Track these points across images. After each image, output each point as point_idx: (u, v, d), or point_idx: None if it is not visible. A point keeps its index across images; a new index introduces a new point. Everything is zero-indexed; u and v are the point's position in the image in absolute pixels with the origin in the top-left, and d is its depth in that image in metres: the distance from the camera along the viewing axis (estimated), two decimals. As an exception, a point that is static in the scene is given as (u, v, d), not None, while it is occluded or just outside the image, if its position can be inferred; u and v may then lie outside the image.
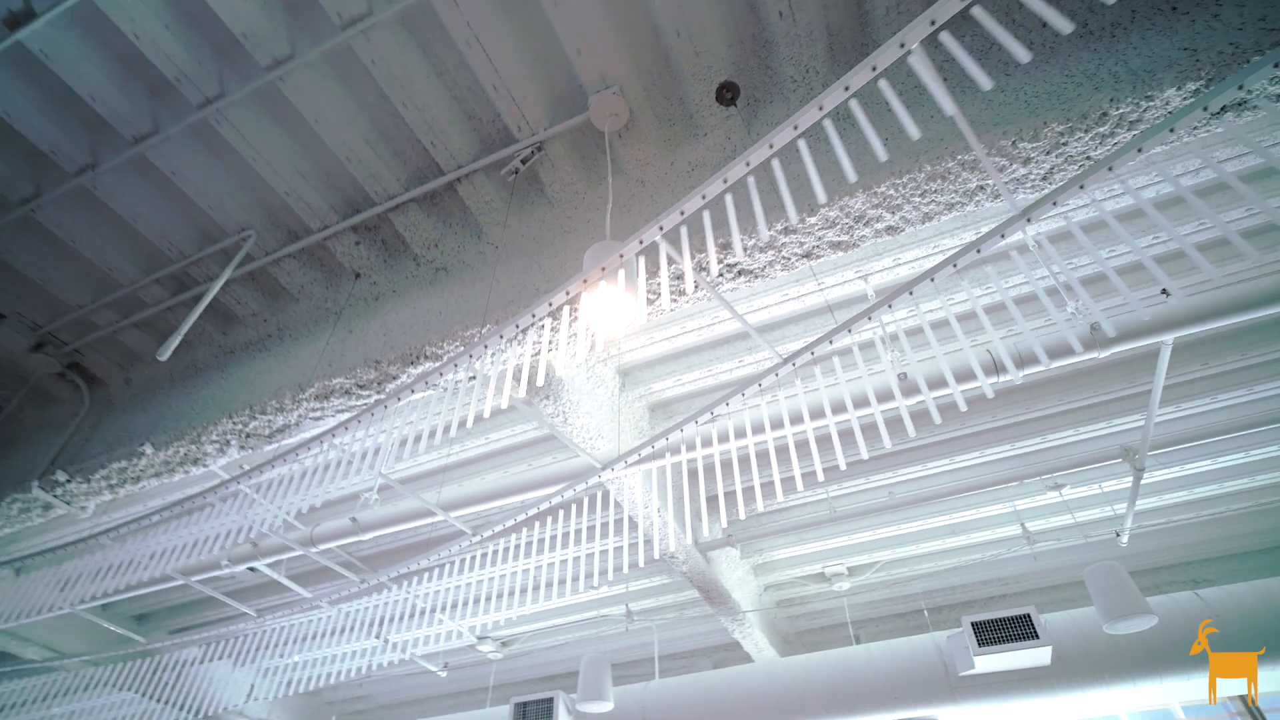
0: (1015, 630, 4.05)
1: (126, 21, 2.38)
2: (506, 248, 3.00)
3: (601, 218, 2.83)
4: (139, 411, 3.56)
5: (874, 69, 1.59)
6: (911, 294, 1.98)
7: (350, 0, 2.37)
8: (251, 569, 4.62)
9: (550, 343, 1.97)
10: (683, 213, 1.79)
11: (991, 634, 4.08)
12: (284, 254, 3.12)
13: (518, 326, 2.06)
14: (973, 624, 4.14)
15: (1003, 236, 1.69)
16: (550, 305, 1.87)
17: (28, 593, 4.45)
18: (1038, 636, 3.98)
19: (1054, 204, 1.64)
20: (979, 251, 1.72)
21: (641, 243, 1.73)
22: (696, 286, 2.23)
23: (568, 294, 1.81)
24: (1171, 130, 1.74)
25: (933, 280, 1.94)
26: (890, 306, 2.03)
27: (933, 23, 1.51)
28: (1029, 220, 1.66)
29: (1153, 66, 2.13)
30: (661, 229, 1.76)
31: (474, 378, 2.33)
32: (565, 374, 3.18)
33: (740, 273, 2.45)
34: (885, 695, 4.39)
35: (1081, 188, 1.63)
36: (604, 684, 4.65)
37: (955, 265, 1.77)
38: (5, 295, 3.33)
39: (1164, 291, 3.13)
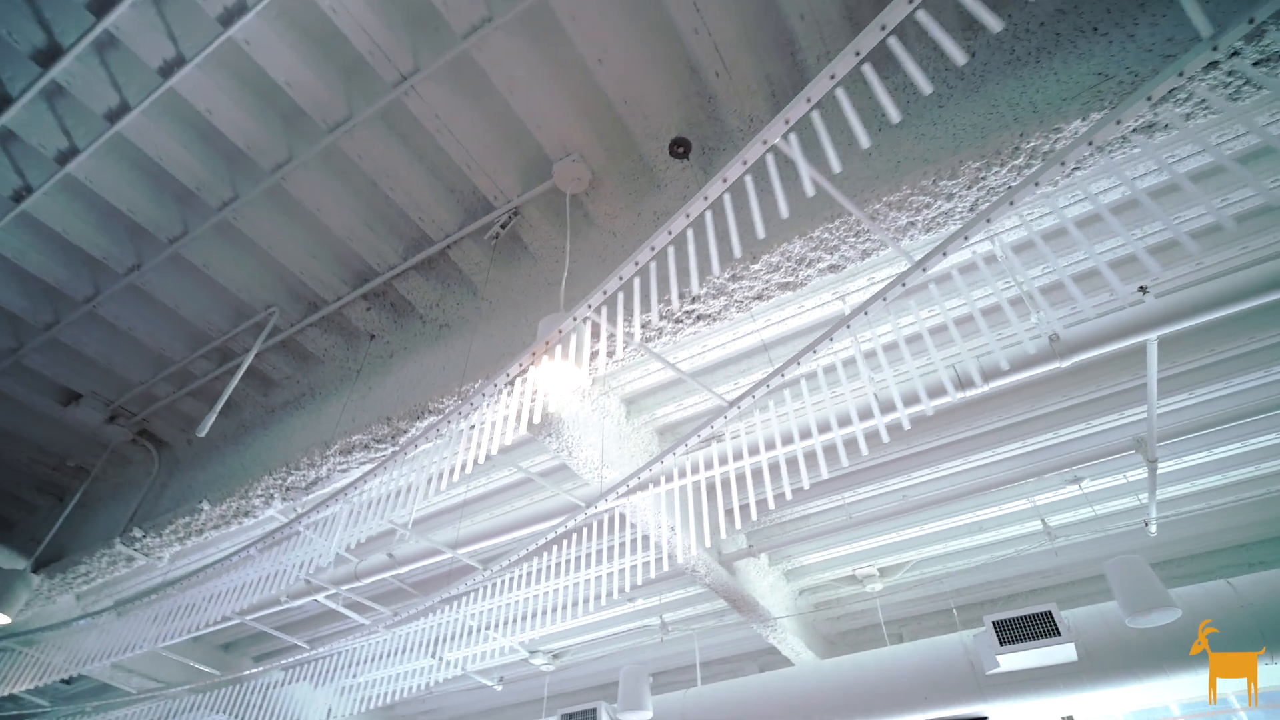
0: (1037, 628, 4.07)
1: (151, 147, 2.77)
2: (498, 302, 3.27)
3: (582, 269, 3.06)
4: (199, 469, 4.00)
5: (808, 100, 1.73)
6: (849, 326, 2.13)
7: (333, 107, 2.69)
8: (320, 598, 5.07)
9: (517, 404, 2.21)
10: (621, 277, 2.01)
11: (1013, 632, 4.10)
12: (306, 324, 3.49)
13: (495, 385, 2.32)
14: (995, 623, 4.17)
15: (903, 285, 1.83)
16: (508, 376, 2.11)
17: (128, 630, 5.01)
18: (1059, 634, 3.99)
19: (945, 254, 1.78)
20: (885, 300, 1.87)
21: (574, 319, 1.95)
22: (627, 346, 2.44)
23: (520, 365, 2.05)
24: (1088, 145, 1.84)
25: (866, 313, 2.09)
26: (831, 339, 2.19)
27: (857, 53, 1.65)
28: (924, 269, 1.80)
29: (1067, 94, 2.21)
30: (605, 294, 1.98)
31: (473, 427, 2.60)
32: (564, 412, 3.43)
33: (698, 318, 2.64)
34: (915, 696, 4.46)
35: (966, 238, 1.76)
36: (642, 693, 4.89)
37: (866, 312, 1.92)
38: (80, 378, 3.82)
39: (1142, 289, 3.14)
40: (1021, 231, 2.99)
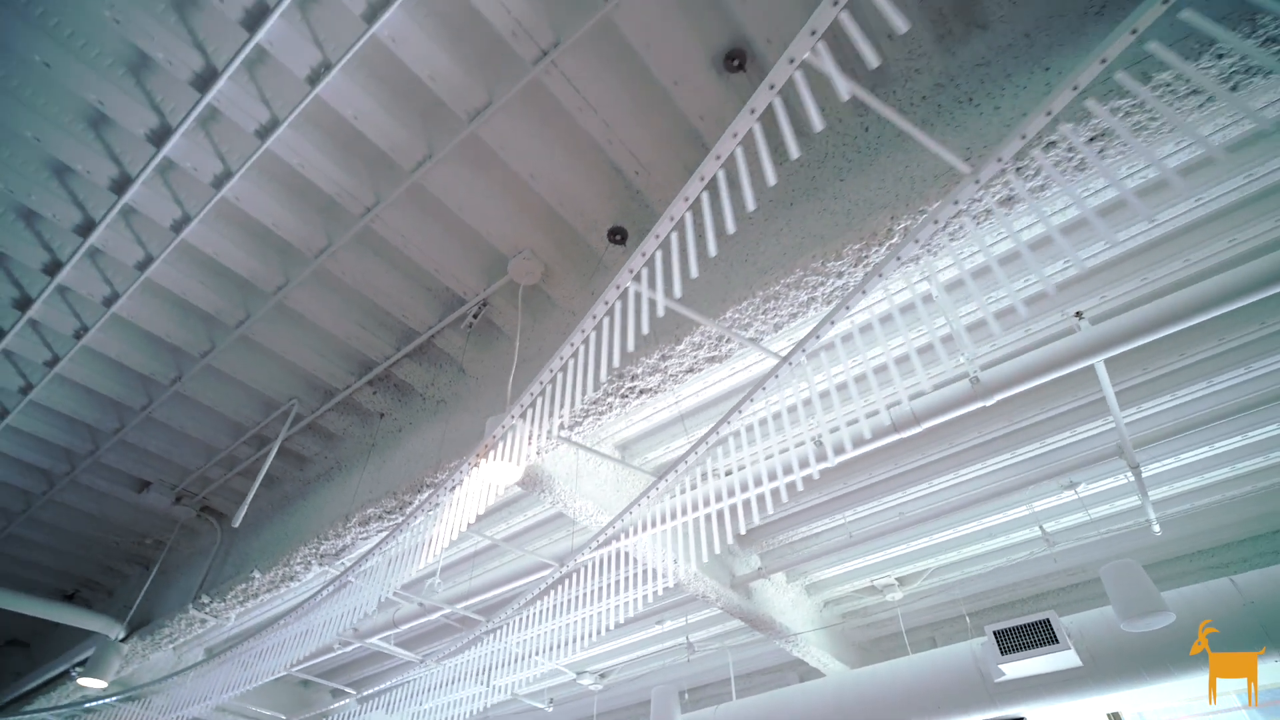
0: (1036, 636, 4.16)
1: (176, 287, 3.28)
2: (483, 378, 3.66)
3: (552, 345, 3.41)
4: (254, 538, 4.56)
5: (701, 178, 2.00)
6: (765, 388, 2.40)
7: (314, 237, 3.13)
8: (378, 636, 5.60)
9: (475, 487, 2.57)
10: (541, 381, 2.34)
11: (1014, 641, 4.21)
12: (324, 410, 3.97)
13: (458, 473, 2.70)
14: (995, 633, 4.29)
15: (776, 376, 2.09)
16: (464, 469, 2.48)
17: (221, 676, 5.67)
18: (1057, 641, 4.07)
19: (818, 336, 2.03)
20: (764, 389, 2.14)
21: (503, 428, 2.30)
22: (550, 440, 2.73)
23: (470, 463, 2.41)
24: (934, 223, 2.07)
25: (779, 374, 2.35)
26: (751, 399, 2.46)
27: (734, 135, 1.91)
28: (790, 363, 2.06)
29: (940, 169, 2.41)
30: (523, 404, 2.32)
31: (441, 506, 2.99)
32: (554, 469, 3.78)
33: (641, 391, 2.94)
34: (927, 704, 4.59)
35: (833, 322, 2.01)
36: (672, 712, 5.21)
37: (764, 387, 2.19)
38: (148, 469, 4.44)
39: (1078, 314, 3.25)
40: (953, 271, 3.17)
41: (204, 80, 2.59)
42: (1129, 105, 2.07)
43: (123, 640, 4.63)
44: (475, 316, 3.41)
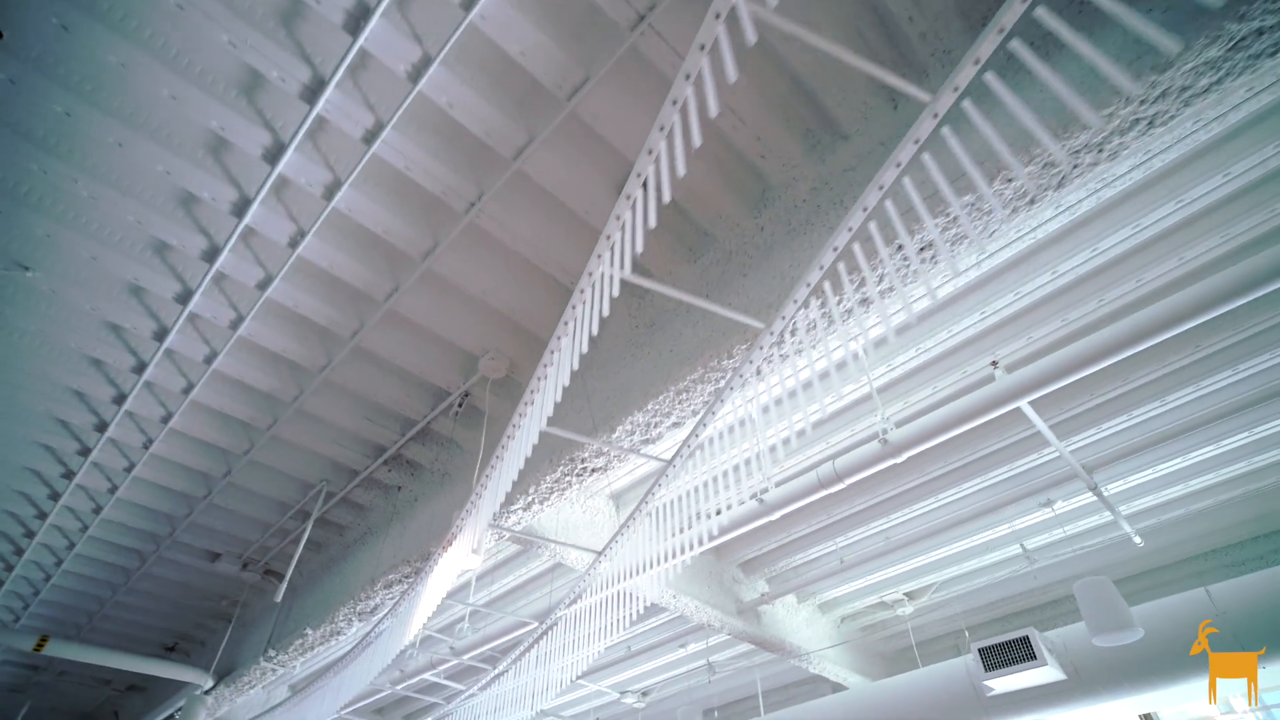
0: (1018, 653, 4.34)
1: (222, 386, 3.96)
2: (476, 454, 4.19)
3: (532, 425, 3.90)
4: (308, 596, 5.26)
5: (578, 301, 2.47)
6: (691, 450, 2.80)
7: (316, 354, 3.73)
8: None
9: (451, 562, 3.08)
10: (488, 476, 2.83)
11: (998, 658, 4.40)
12: (351, 487, 4.60)
13: (437, 553, 3.21)
14: (980, 650, 4.49)
15: (667, 474, 2.50)
16: (436, 554, 2.99)
17: (307, 708, 6.44)
18: (1035, 657, 4.25)
19: (686, 450, 2.43)
20: (673, 466, 2.55)
21: (456, 526, 2.79)
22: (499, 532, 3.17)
23: (439, 550, 2.92)
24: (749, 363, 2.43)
25: (668, 474, 2.76)
26: (675, 465, 2.88)
27: (619, 273, 2.39)
28: (672, 466, 2.47)
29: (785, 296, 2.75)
30: (473, 500, 2.81)
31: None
32: (546, 526, 4.27)
33: (592, 470, 3.39)
34: (928, 718, 4.83)
35: (705, 425, 2.40)
36: (696, 731, 5.62)
37: (668, 472, 2.60)
38: (216, 543, 5.20)
39: (993, 363, 3.49)
40: (880, 329, 3.47)
41: (312, 91, 2.63)
42: (1005, 178, 2.38)
43: (210, 689, 5.42)
44: (460, 405, 3.94)
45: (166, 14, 2.49)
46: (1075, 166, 2.19)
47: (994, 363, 3.43)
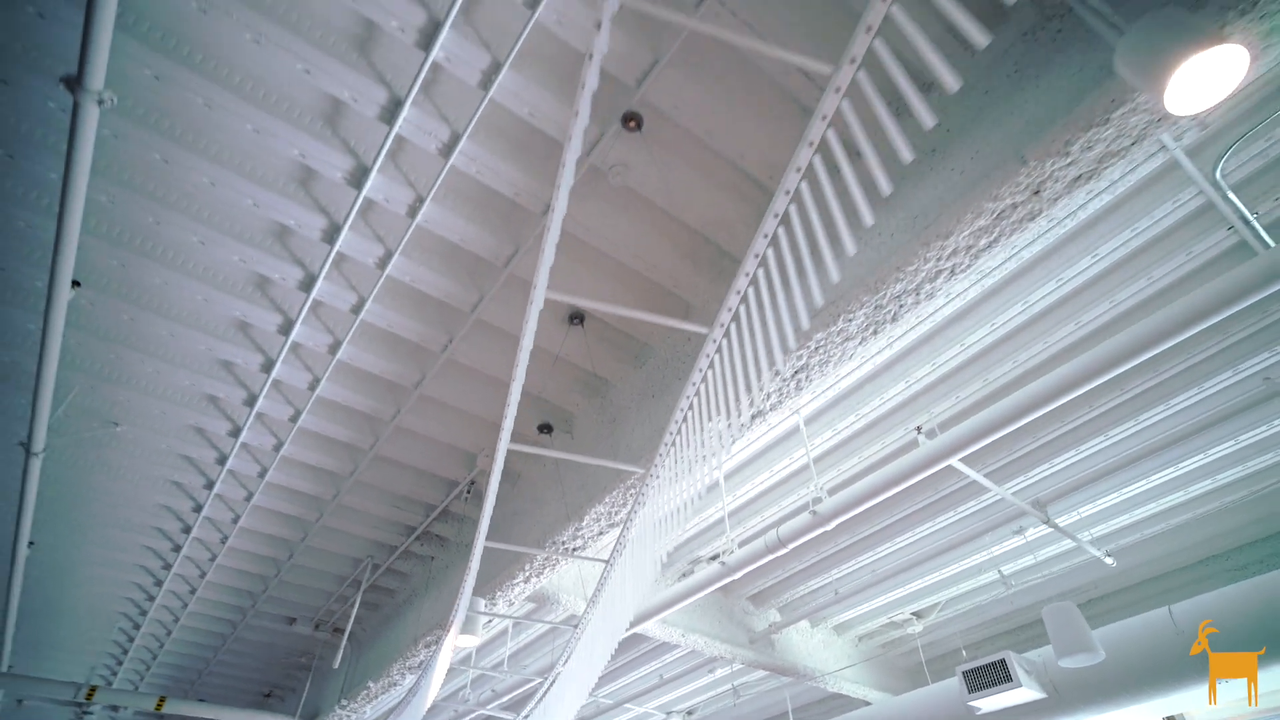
0: (996, 675, 4.67)
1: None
2: (490, 530, 4.86)
3: (529, 508, 4.54)
4: (370, 650, 6.07)
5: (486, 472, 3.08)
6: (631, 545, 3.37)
7: (344, 463, 4.48)
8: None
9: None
10: (465, 579, 3.46)
11: (979, 680, 4.74)
12: (392, 560, 5.36)
13: (441, 636, 3.88)
14: (964, 673, 4.83)
15: (607, 574, 3.07)
16: (436, 638, 3.65)
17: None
18: (1011, 679, 4.57)
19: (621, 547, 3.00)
20: (611, 564, 3.12)
21: (452, 621, 3.44)
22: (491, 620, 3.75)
23: (444, 630, 3.58)
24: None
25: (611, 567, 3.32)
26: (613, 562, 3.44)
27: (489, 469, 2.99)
28: (612, 564, 3.03)
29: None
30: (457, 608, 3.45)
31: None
32: (559, 584, 4.90)
33: (575, 550, 3.98)
34: (926, 738, 5.18)
35: (630, 523, 2.96)
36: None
37: (610, 568, 3.18)
38: (292, 610, 6.09)
39: (918, 429, 3.88)
40: (816, 404, 3.94)
41: (390, 112, 2.69)
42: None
43: (297, 736, 6.33)
44: (468, 492, 4.62)
45: (243, 49, 2.56)
46: (901, 306, 2.64)
47: (919, 428, 3.82)
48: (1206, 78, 1.47)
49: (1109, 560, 4.72)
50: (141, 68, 2.58)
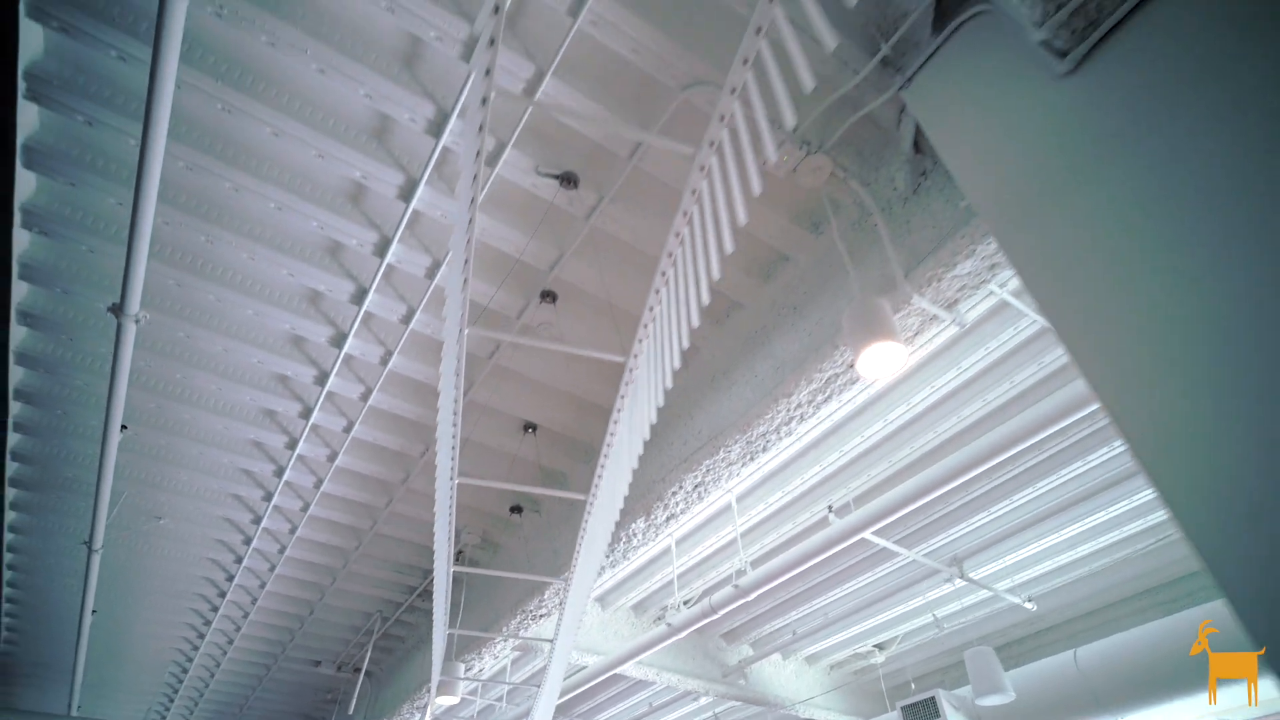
0: (928, 710, 5.24)
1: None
2: (480, 589, 5.57)
3: (525, 559, 5.24)
4: (386, 689, 6.84)
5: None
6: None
7: (349, 541, 5.23)
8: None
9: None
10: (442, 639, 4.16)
11: (915, 715, 5.31)
12: (397, 615, 6.12)
13: (424, 698, 4.59)
14: (902, 707, 5.41)
15: (549, 663, 3.75)
16: (430, 690, 4.36)
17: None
18: (939, 715, 5.13)
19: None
20: (554, 641, 3.80)
21: (434, 682, 4.14)
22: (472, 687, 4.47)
23: (427, 693, 4.29)
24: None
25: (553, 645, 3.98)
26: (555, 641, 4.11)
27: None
28: (552, 643, 3.71)
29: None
30: (431, 686, 4.15)
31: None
32: (544, 632, 5.58)
33: (540, 615, 4.67)
34: (879, 765, 5.75)
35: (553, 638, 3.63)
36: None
37: (552, 647, 3.85)
38: (314, 655, 6.90)
39: (829, 508, 4.48)
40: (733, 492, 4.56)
41: (437, 126, 2.73)
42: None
43: (326, 765, 7.12)
44: (458, 558, 5.34)
45: (307, 79, 2.68)
46: (768, 440, 3.26)
47: (829, 507, 4.42)
48: (889, 356, 2.08)
49: (1029, 605, 5.25)
50: (214, 102, 2.67)
